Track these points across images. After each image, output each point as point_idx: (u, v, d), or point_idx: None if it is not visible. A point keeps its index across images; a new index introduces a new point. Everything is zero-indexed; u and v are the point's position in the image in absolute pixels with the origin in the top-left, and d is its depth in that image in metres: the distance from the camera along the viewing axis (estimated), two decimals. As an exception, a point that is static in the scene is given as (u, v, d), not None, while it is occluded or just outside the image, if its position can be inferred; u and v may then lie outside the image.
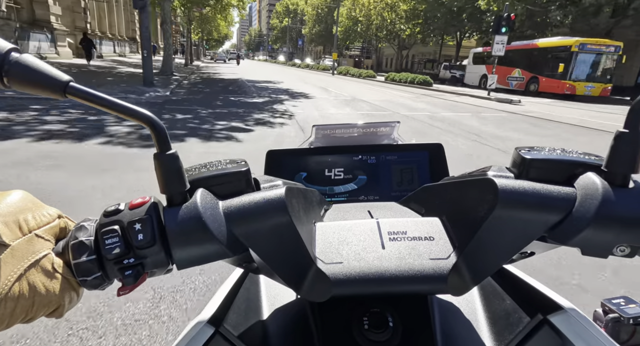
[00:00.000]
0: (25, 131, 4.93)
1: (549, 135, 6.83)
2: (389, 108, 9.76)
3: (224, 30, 64.90)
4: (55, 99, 0.26)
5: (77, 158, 3.92)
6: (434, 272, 0.33)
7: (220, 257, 0.31)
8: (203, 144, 4.93)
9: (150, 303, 1.79)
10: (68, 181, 3.26)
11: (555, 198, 0.31)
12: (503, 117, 9.22)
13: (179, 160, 0.31)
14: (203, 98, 9.77)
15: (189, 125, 6.14)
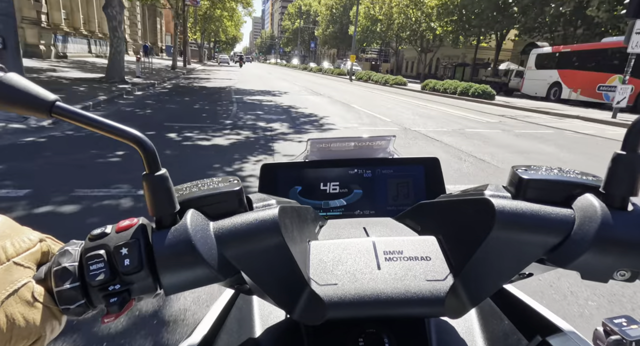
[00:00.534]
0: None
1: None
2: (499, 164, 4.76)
3: (232, 31, 61.01)
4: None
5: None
6: (430, 295, 0.33)
7: (211, 281, 0.30)
8: None
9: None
10: None
11: (553, 220, 0.31)
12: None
13: (169, 181, 0.30)
14: (104, 142, 4.37)
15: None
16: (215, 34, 56.73)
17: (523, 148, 5.88)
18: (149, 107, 7.86)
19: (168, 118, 6.51)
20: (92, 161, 3.80)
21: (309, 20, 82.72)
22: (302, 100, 11.25)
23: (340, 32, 50.54)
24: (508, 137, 6.90)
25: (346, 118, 8.02)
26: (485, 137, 6.67)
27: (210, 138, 5.26)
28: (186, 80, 15.87)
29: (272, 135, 5.77)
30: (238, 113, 7.73)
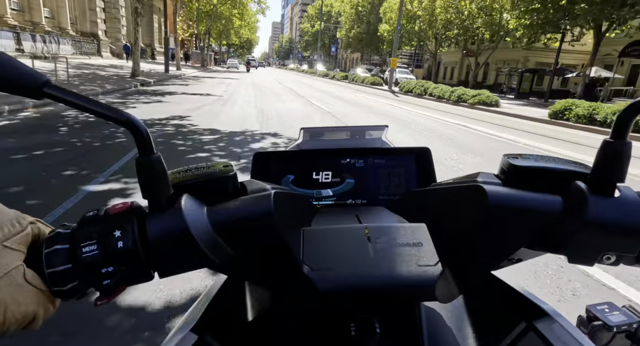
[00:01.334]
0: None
1: None
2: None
3: (245, 33, 54.96)
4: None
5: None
6: (421, 279, 0.33)
7: (204, 264, 0.30)
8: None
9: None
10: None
11: (543, 206, 0.31)
12: None
13: (163, 164, 0.29)
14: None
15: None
16: (226, 36, 50.85)
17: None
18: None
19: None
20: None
21: (330, 21, 76.29)
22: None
23: (367, 32, 43.43)
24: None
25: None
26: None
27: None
28: (117, 100, 9.06)
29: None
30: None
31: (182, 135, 5.51)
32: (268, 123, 7.11)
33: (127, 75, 14.60)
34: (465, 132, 7.77)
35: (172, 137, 5.29)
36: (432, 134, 7.06)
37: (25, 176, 3.30)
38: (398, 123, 8.26)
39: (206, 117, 7.38)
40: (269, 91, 15.66)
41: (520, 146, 6.49)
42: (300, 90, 17.45)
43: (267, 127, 6.75)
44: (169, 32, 42.23)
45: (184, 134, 5.58)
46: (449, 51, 33.83)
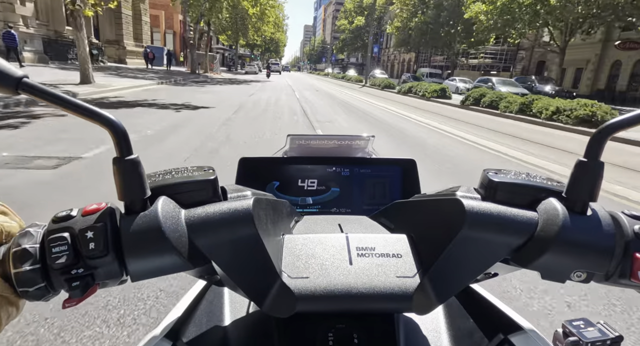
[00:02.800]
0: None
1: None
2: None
3: (268, 30, 44.32)
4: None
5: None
6: (399, 291, 0.33)
7: (179, 269, 0.30)
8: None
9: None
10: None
11: (519, 221, 0.32)
12: None
13: (141, 166, 0.29)
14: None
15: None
16: (243, 33, 40.25)
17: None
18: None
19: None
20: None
21: (372, 17, 64.44)
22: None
23: (435, 23, 30.94)
24: None
25: None
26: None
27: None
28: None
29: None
30: None
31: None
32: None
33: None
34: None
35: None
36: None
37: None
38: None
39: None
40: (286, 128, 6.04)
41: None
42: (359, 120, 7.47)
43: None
44: (160, 28, 31.71)
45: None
46: (573, 44, 20.83)
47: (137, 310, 1.71)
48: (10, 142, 4.38)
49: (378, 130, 7.62)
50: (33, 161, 3.69)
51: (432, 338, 0.43)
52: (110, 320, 1.62)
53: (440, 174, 4.40)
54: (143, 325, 1.61)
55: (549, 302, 1.96)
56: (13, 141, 4.46)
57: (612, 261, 0.31)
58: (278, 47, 64.65)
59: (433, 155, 5.47)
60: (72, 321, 1.59)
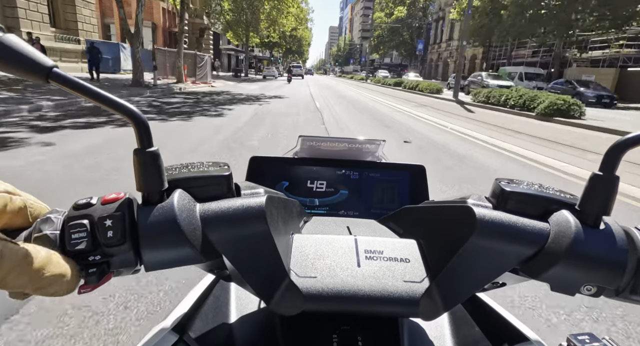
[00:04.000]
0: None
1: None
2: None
3: (288, 24, 34.14)
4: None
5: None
6: (406, 295, 0.33)
7: (192, 261, 0.30)
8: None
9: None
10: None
11: (530, 232, 0.32)
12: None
13: (160, 158, 0.30)
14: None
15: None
16: (254, 27, 30.20)
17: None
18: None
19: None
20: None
21: (417, 6, 53.24)
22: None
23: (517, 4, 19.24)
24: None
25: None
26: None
27: None
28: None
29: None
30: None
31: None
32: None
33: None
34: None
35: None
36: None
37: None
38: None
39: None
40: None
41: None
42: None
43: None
44: (114, 17, 17.04)
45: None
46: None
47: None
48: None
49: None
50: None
51: (436, 343, 0.43)
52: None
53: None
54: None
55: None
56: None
57: (623, 277, 0.30)
58: (301, 47, 54.21)
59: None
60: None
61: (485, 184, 3.80)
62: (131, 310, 1.67)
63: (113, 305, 1.70)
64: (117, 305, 1.70)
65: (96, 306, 1.68)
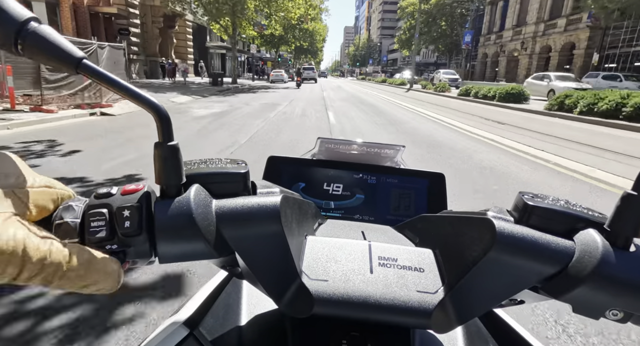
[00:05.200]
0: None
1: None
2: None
3: (294, 11, 23.94)
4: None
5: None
6: (419, 306, 0.33)
7: (205, 256, 0.31)
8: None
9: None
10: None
11: (553, 249, 0.30)
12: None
13: (179, 152, 0.30)
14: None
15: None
16: (241, 12, 20.16)
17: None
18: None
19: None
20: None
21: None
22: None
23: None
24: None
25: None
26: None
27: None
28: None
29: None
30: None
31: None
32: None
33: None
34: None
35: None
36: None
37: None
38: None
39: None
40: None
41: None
42: None
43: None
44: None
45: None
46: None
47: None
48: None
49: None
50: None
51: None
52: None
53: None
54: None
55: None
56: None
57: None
58: (314, 44, 43.79)
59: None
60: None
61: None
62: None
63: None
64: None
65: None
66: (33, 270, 0.24)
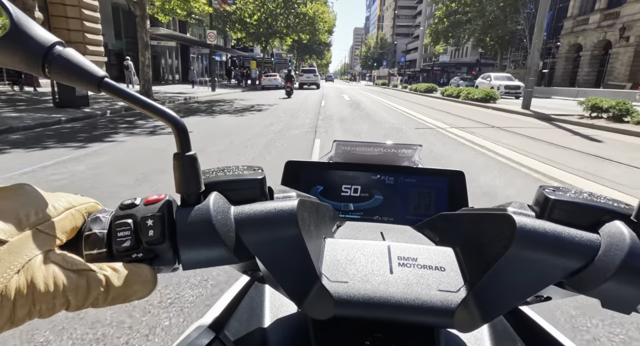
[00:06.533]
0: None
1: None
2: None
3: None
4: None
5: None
6: (441, 305, 0.32)
7: (226, 262, 0.32)
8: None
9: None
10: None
11: (577, 243, 0.30)
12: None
13: (197, 162, 0.31)
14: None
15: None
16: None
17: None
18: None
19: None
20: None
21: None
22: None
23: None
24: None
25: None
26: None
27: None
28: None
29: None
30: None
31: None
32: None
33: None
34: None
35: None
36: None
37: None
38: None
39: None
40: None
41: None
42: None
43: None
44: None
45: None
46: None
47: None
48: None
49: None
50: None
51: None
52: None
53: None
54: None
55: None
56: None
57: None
58: (315, 33, 31.36)
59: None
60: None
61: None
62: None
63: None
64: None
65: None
66: (79, 301, 0.26)
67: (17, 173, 3.97)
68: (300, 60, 57.63)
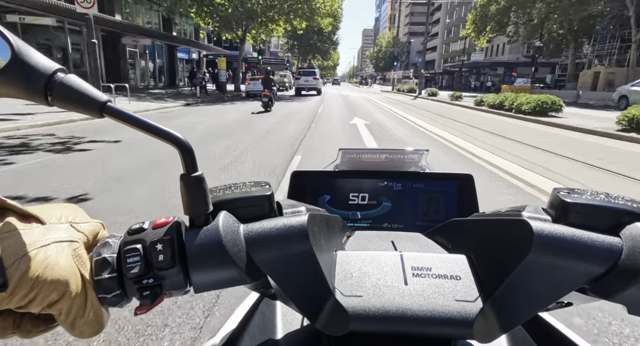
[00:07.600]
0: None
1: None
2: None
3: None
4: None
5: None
6: (459, 315, 0.31)
7: (238, 282, 0.31)
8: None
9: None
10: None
11: (598, 248, 0.29)
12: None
13: (204, 182, 0.31)
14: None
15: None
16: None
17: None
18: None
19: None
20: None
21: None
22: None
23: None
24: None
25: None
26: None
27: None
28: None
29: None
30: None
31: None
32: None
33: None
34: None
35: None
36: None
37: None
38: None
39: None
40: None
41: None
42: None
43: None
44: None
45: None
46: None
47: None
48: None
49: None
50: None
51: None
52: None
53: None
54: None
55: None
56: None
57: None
58: (312, 17, 22.66)
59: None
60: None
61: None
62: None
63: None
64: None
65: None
66: (66, 302, 0.27)
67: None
68: (302, 61, 48.97)
